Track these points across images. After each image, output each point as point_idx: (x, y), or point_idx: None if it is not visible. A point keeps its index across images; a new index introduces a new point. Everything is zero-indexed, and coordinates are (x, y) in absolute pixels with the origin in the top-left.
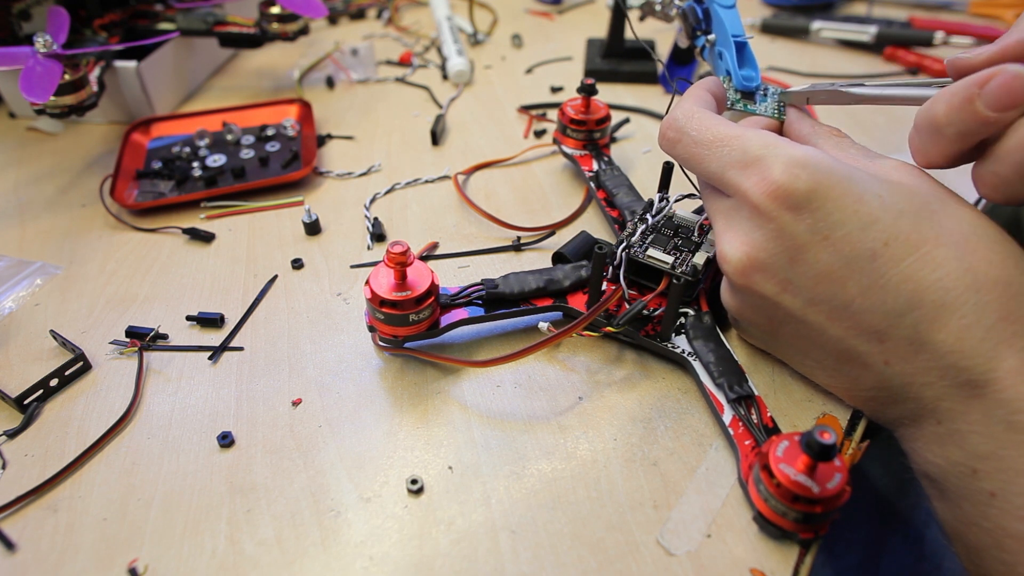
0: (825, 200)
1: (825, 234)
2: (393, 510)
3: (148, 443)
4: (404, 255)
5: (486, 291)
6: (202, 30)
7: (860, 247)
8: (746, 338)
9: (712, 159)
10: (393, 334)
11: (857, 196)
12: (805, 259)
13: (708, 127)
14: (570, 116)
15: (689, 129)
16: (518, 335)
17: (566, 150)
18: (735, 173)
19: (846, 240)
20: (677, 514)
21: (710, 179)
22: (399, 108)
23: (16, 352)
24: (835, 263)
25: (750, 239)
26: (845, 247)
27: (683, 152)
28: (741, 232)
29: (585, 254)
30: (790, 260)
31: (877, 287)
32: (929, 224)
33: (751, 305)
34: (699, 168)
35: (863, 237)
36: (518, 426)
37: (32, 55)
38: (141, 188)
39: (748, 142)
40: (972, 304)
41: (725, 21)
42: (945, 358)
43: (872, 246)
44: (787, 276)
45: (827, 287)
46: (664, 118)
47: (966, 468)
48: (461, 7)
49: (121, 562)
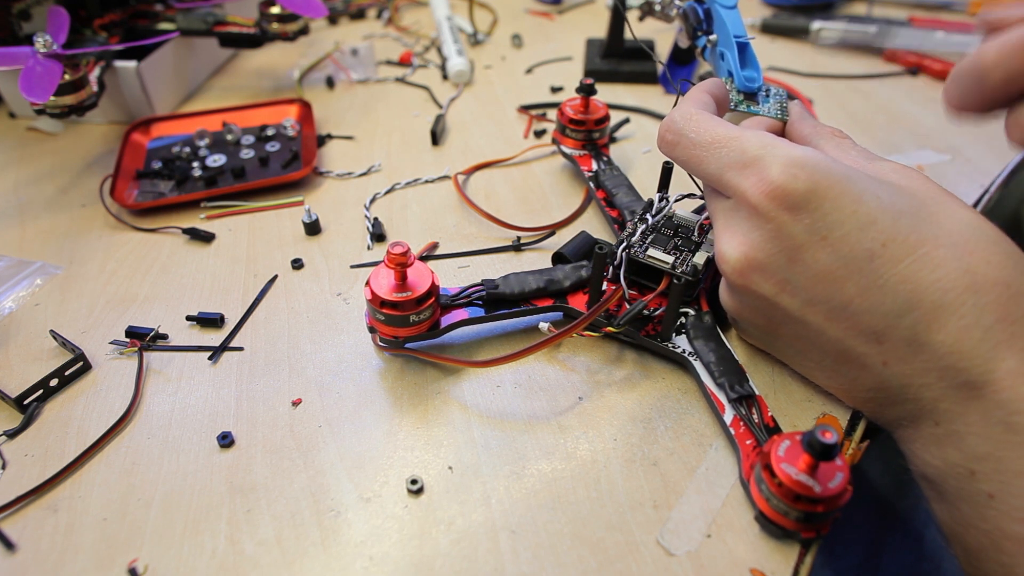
0: (823, 200)
1: (823, 234)
2: (393, 510)
3: (148, 443)
4: (404, 256)
5: (486, 291)
6: (202, 30)
7: (858, 248)
8: (745, 338)
9: (710, 160)
10: (394, 335)
11: (855, 197)
12: (803, 259)
13: (706, 129)
14: (569, 116)
15: (687, 131)
16: (518, 335)
17: (565, 150)
18: (733, 174)
19: (844, 240)
20: (677, 514)
21: (709, 180)
22: (399, 108)
23: (16, 352)
24: (833, 263)
25: (748, 239)
26: (843, 247)
27: (682, 154)
28: (739, 232)
29: (585, 254)
30: (788, 260)
31: (875, 288)
32: (928, 225)
33: (749, 306)
34: (698, 170)
35: (861, 238)
36: (518, 426)
37: (32, 55)
38: (141, 188)
39: (746, 143)
40: (971, 305)
41: (727, 21)
42: (943, 359)
43: (870, 247)
44: (785, 276)
45: (825, 288)
46: (663, 121)
47: (964, 469)
48: (461, 7)
49: (121, 562)
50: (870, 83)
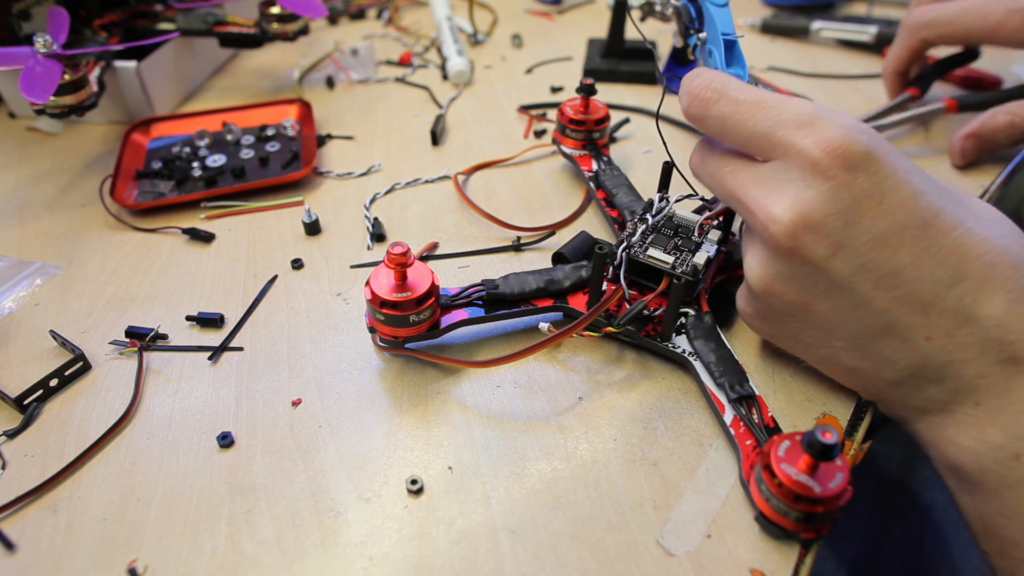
0: (881, 165)
1: (880, 199)
2: (393, 510)
3: (148, 443)
4: (404, 256)
5: (486, 291)
6: (202, 30)
7: (914, 215)
8: (757, 325)
9: (760, 118)
10: (393, 335)
11: (907, 167)
12: (860, 222)
13: (751, 89)
14: (569, 116)
15: (730, 89)
16: (518, 335)
17: (565, 150)
18: (789, 131)
19: (901, 207)
20: (677, 514)
21: (753, 139)
22: (399, 108)
23: (16, 352)
24: (889, 228)
25: (803, 198)
26: (899, 213)
27: (721, 111)
28: (791, 192)
29: (585, 254)
30: (845, 222)
31: (927, 256)
32: (963, 206)
33: (787, 275)
34: (740, 127)
35: (916, 205)
36: (518, 426)
37: (32, 55)
38: (141, 188)
39: (798, 105)
40: (1017, 280)
41: (716, 19)
42: (989, 332)
43: (924, 215)
44: (840, 238)
45: (879, 253)
46: (692, 82)
47: (1008, 452)
48: (461, 7)
49: (121, 562)
50: (870, 83)
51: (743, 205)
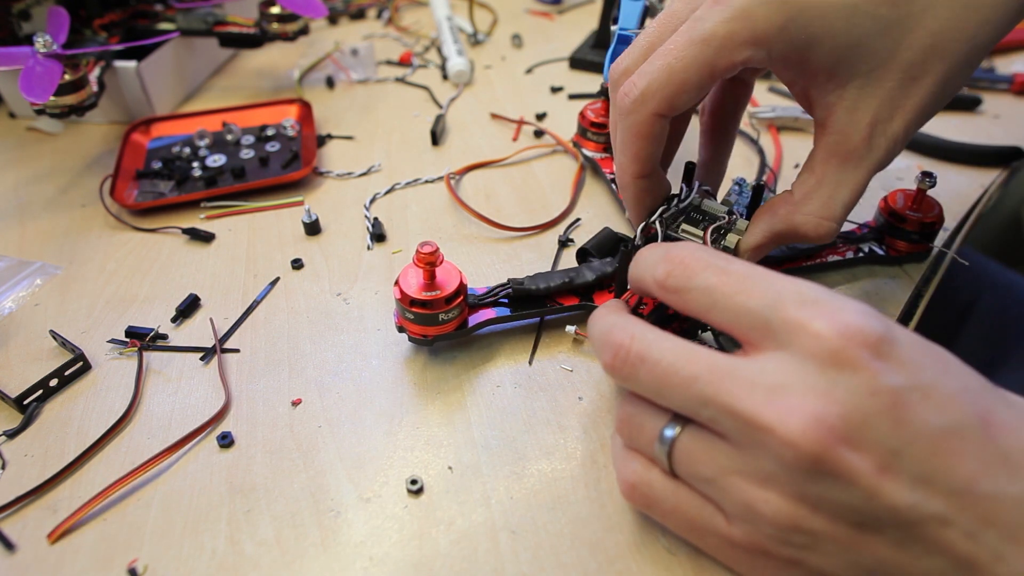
0: (905, 349)
1: (926, 391)
2: (393, 510)
3: (148, 443)
4: (433, 255)
5: (513, 289)
6: (202, 30)
7: (969, 410)
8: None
9: (756, 292)
10: (423, 333)
11: (928, 351)
12: (911, 423)
13: (738, 263)
14: (590, 119)
15: (715, 259)
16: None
17: (586, 153)
18: (794, 309)
19: (952, 401)
20: None
21: (743, 317)
22: (399, 108)
23: (16, 352)
24: (946, 428)
25: (831, 398)
26: (952, 409)
27: (706, 282)
28: (812, 392)
29: (609, 250)
30: (894, 423)
31: (998, 463)
32: (997, 393)
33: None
34: (730, 300)
35: (965, 400)
36: (518, 426)
37: (32, 55)
38: (141, 188)
39: (797, 283)
40: None
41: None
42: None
43: (977, 411)
44: (892, 446)
45: (943, 460)
46: (671, 251)
47: None
48: (461, 7)
49: (121, 562)
50: None
51: (732, 417)
